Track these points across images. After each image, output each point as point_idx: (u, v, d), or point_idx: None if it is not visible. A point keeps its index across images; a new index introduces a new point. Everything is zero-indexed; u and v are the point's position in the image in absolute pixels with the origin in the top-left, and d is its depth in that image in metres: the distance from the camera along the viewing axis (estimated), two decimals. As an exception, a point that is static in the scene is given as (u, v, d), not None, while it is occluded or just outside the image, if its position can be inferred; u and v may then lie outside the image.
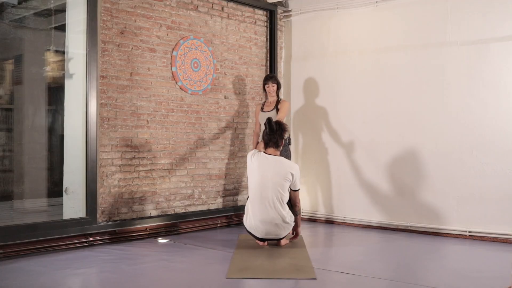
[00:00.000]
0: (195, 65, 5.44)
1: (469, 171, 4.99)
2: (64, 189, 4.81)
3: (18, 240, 4.07)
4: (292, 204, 4.51)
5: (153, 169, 5.06)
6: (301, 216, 5.07)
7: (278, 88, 5.41)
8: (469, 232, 4.96)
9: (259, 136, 5.40)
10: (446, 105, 5.14)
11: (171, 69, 5.21)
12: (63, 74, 4.90)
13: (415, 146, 5.33)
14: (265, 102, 5.49)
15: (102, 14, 4.64)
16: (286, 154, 5.14)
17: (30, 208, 5.91)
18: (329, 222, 5.95)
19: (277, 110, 5.26)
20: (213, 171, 5.63)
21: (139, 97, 4.94)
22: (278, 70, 6.32)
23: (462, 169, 5.03)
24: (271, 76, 5.52)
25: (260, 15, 6.22)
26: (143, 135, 4.98)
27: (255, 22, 6.15)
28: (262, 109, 5.42)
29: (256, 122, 5.54)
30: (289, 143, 5.35)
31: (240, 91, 5.95)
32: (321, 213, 6.05)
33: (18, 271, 3.63)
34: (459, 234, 5.02)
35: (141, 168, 4.95)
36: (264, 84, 5.43)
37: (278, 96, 5.44)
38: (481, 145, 4.93)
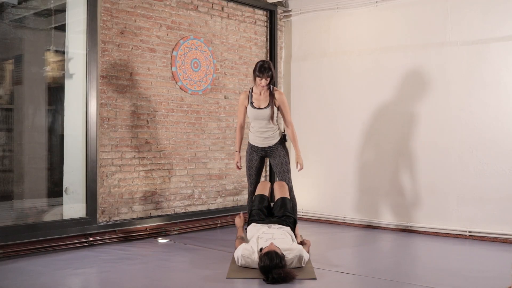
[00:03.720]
0: (195, 65, 5.44)
1: (469, 171, 4.99)
2: (64, 189, 4.81)
3: (18, 240, 4.07)
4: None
5: (153, 169, 5.06)
6: (301, 217, 5.05)
7: (272, 80, 4.43)
8: (469, 232, 4.96)
9: (243, 130, 4.69)
10: (446, 105, 5.14)
11: (171, 69, 5.21)
12: (63, 74, 4.90)
13: (415, 146, 5.33)
14: (252, 93, 4.54)
15: (102, 14, 4.64)
16: (285, 152, 4.64)
17: (30, 208, 5.90)
18: (329, 222, 5.95)
19: (273, 105, 4.42)
20: (213, 171, 5.63)
21: (139, 97, 4.94)
22: (278, 70, 6.32)
23: (462, 169, 5.03)
24: (266, 66, 4.36)
25: (260, 15, 6.22)
26: (143, 135, 4.98)
27: (255, 22, 6.15)
28: (252, 103, 4.49)
29: (240, 114, 4.61)
30: (285, 140, 4.66)
31: (240, 91, 5.94)
32: (321, 213, 6.04)
33: (18, 271, 3.63)
34: (459, 234, 5.02)
35: (141, 168, 4.95)
36: (256, 77, 4.39)
37: (270, 88, 4.50)
38: (481, 145, 4.93)
